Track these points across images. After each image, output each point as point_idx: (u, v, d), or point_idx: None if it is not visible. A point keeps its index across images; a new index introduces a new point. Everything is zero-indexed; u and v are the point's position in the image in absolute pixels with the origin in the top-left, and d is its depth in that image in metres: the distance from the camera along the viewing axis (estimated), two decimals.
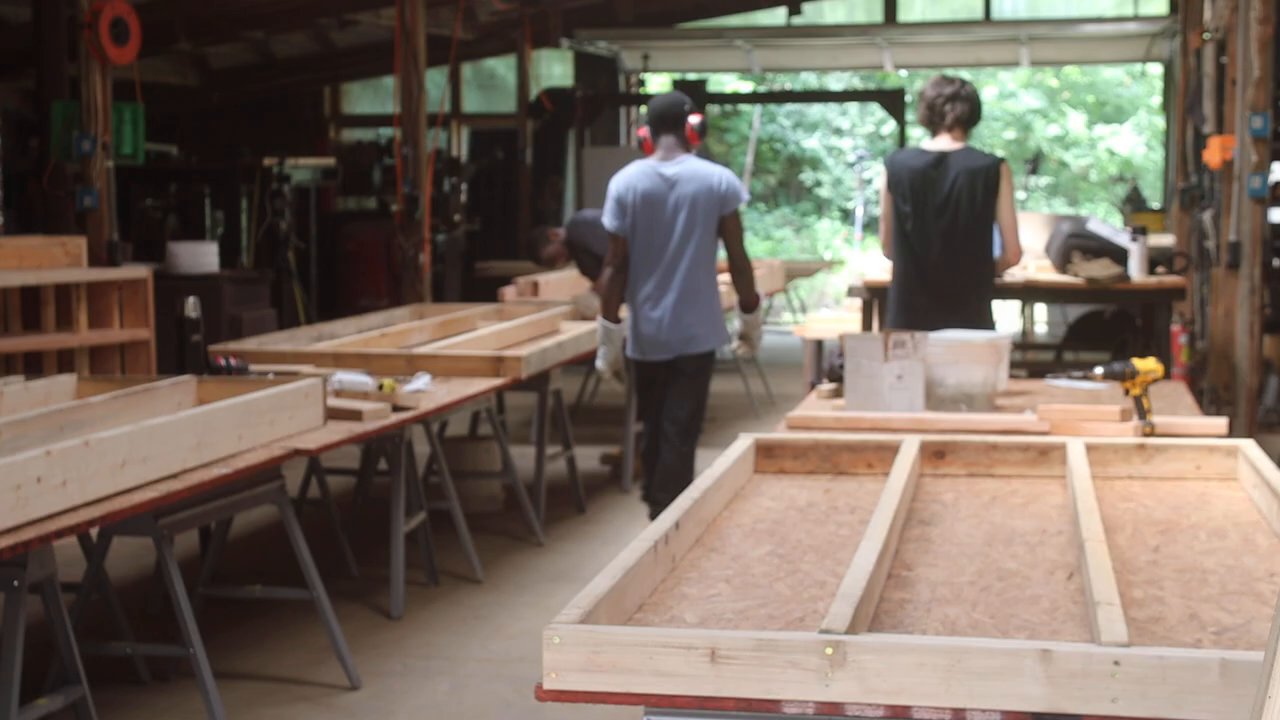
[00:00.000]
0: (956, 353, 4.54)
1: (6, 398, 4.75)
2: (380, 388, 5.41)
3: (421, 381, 5.68)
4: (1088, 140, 22.25)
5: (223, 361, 5.72)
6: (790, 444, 3.75)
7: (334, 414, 5.10)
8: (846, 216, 22.22)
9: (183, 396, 5.00)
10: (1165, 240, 9.99)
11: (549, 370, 6.85)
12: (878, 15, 14.79)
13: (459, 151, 15.32)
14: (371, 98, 16.25)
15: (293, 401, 4.86)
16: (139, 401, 4.77)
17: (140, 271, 7.87)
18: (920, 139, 20.87)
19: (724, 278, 6.52)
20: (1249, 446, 3.54)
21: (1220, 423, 4.20)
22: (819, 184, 22.60)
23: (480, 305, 8.32)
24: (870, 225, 21.37)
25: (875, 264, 9.44)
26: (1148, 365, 4.15)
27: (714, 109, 21.05)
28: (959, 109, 5.95)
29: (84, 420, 4.51)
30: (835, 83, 20.09)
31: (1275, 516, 3.09)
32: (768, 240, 21.47)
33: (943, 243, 5.92)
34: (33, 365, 7.24)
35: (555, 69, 15.98)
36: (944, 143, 6.00)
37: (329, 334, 6.98)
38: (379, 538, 6.27)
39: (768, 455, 3.74)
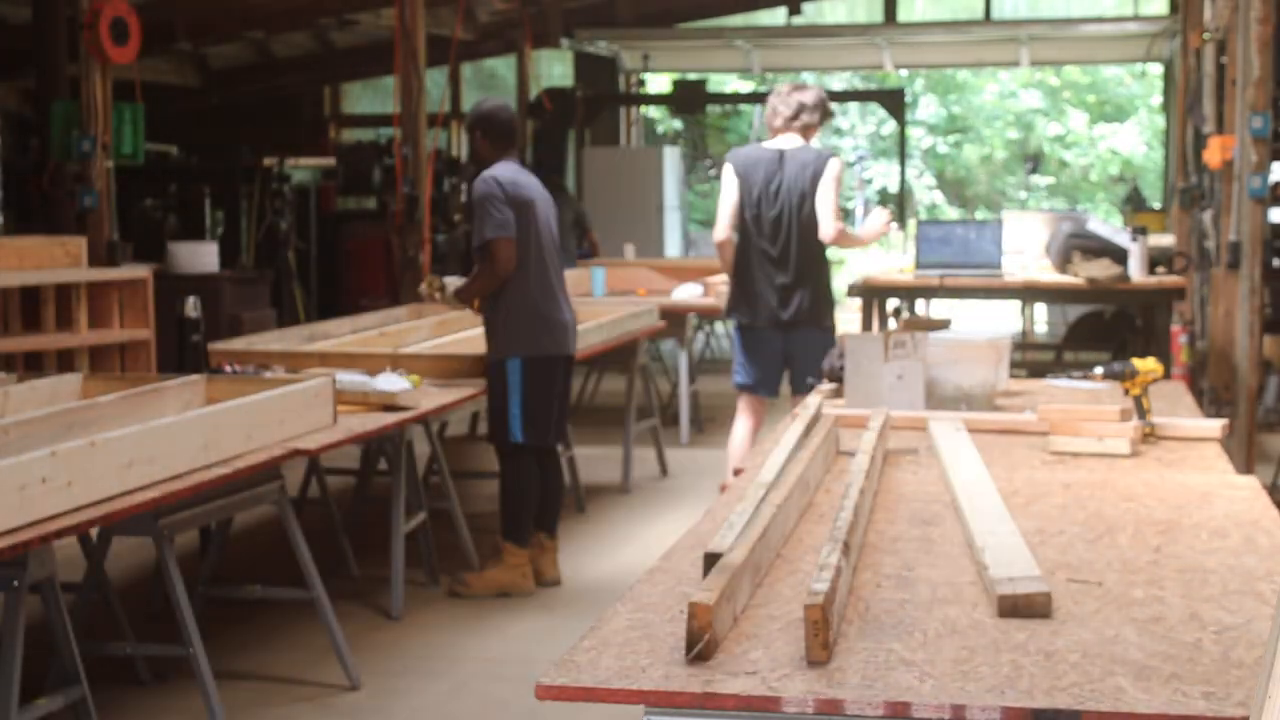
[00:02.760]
0: (956, 353, 4.54)
1: (12, 397, 4.74)
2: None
3: (393, 381, 5.55)
4: (1088, 140, 22.25)
5: (228, 368, 5.72)
6: None
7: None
8: (846, 216, 22.22)
9: (191, 396, 4.99)
10: (1165, 240, 10.00)
11: None
12: (878, 15, 14.80)
13: (459, 151, 15.32)
14: (371, 98, 16.25)
15: (302, 401, 4.85)
16: (147, 401, 4.76)
17: (140, 271, 7.88)
18: (921, 140, 20.88)
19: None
20: None
21: (1220, 423, 4.20)
22: None
23: None
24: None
25: (876, 263, 9.42)
26: (1148, 365, 4.15)
27: (714, 109, 21.07)
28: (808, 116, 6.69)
29: (91, 420, 4.49)
30: (835, 83, 20.09)
31: None
32: None
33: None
34: (33, 365, 7.24)
35: (555, 69, 15.98)
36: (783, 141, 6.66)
37: (322, 334, 6.95)
38: (379, 538, 6.26)
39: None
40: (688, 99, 15.31)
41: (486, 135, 6.01)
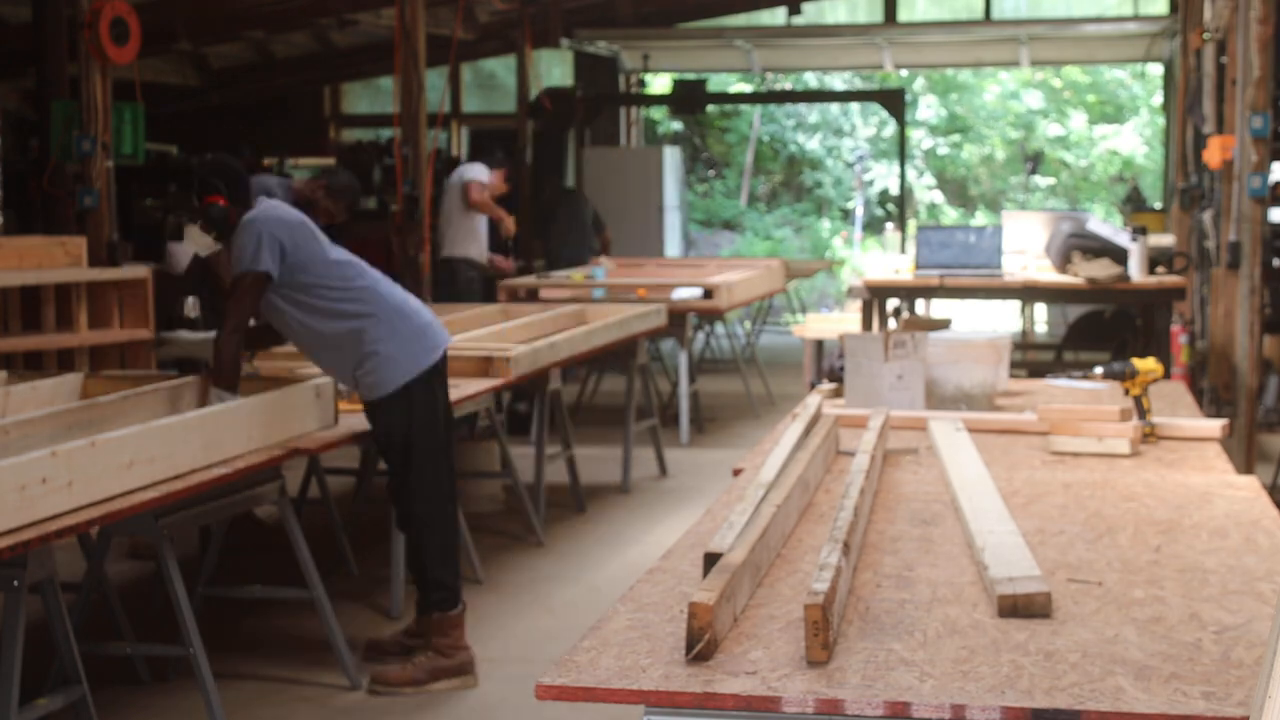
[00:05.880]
0: (957, 353, 4.54)
1: (12, 397, 4.74)
2: None
3: None
4: (1088, 140, 22.25)
5: None
6: None
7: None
8: (846, 216, 22.22)
9: (191, 396, 4.98)
10: (1165, 240, 9.99)
11: (547, 371, 6.83)
12: (878, 15, 14.79)
13: (459, 151, 15.31)
14: (371, 98, 16.26)
15: (302, 401, 4.85)
16: (147, 401, 4.76)
17: (140, 271, 7.87)
18: (921, 140, 20.79)
19: None
20: None
21: (1220, 423, 4.20)
22: (819, 184, 22.59)
23: (487, 305, 8.31)
24: (871, 225, 21.37)
25: (877, 263, 9.40)
26: (1148, 365, 4.15)
27: (714, 109, 21.05)
28: None
29: (91, 420, 4.49)
30: (836, 82, 20.08)
31: None
32: (768, 240, 21.46)
33: None
34: (33, 365, 7.23)
35: (555, 69, 15.98)
36: None
37: None
38: (379, 538, 6.26)
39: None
40: (688, 99, 15.29)
41: None
